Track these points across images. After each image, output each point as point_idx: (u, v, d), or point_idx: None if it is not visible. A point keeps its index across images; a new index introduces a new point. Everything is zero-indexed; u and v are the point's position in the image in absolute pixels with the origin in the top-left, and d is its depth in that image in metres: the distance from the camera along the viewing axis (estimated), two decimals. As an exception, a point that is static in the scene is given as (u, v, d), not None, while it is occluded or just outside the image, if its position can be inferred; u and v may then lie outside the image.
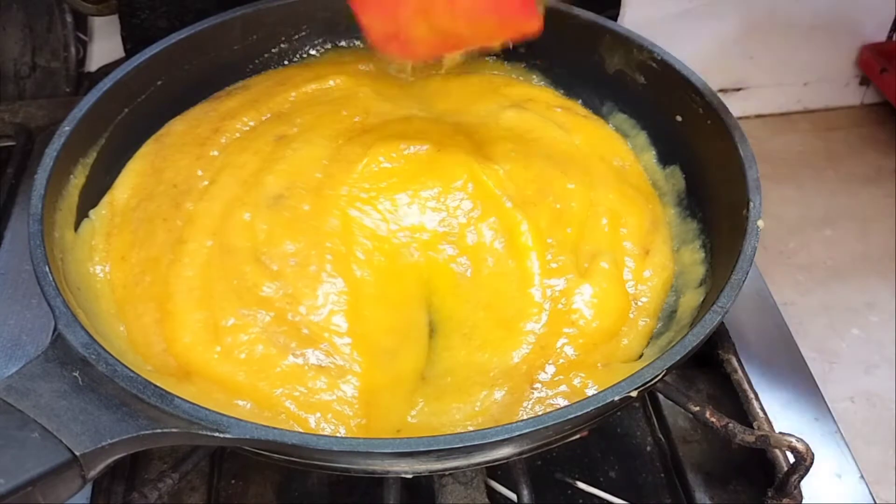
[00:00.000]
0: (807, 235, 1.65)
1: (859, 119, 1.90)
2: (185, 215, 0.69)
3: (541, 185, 0.73)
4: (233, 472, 0.72)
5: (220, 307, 0.63)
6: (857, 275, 1.59)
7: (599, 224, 0.72)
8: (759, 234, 0.63)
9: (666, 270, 0.72)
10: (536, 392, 0.62)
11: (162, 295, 0.64)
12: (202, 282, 0.65)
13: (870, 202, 1.72)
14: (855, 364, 1.46)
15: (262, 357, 0.61)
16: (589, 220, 0.73)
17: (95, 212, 0.72)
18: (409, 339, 0.65)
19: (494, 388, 0.62)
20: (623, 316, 0.67)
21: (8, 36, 1.11)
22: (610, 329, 0.66)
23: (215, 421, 0.51)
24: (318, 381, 0.60)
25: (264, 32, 0.87)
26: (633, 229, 0.73)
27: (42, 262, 0.59)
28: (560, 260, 0.68)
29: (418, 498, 0.68)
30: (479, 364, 0.64)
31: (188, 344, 0.61)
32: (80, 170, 0.71)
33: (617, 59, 0.83)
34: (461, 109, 0.82)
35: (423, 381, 0.64)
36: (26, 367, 0.52)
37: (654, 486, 0.73)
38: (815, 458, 0.61)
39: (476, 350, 0.65)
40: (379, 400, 0.61)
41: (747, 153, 0.69)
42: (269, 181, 0.71)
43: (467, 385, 0.62)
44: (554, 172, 0.74)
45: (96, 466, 0.50)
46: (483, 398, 0.61)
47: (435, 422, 0.61)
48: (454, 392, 0.62)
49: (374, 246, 0.68)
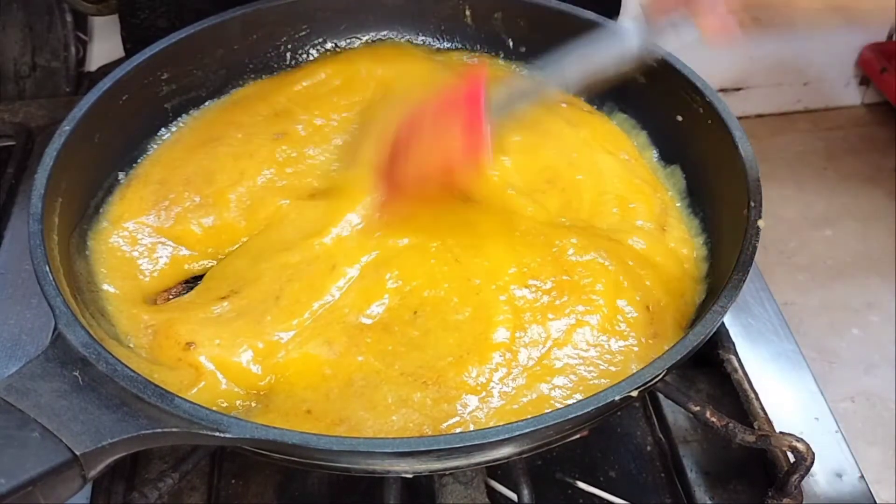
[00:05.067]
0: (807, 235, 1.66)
1: (859, 119, 1.90)
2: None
3: (549, 176, 0.75)
4: (233, 472, 0.72)
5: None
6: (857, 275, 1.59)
7: (610, 210, 0.74)
8: (759, 234, 0.63)
9: (687, 244, 0.72)
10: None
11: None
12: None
13: (870, 202, 1.72)
14: (855, 364, 1.46)
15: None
16: (599, 206, 0.74)
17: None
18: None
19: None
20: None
21: (8, 36, 1.11)
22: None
23: (215, 421, 0.51)
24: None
25: (264, 32, 0.87)
26: (644, 213, 0.74)
27: (42, 261, 0.59)
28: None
29: (418, 498, 0.68)
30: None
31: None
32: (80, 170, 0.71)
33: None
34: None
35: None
36: (26, 367, 0.52)
37: (654, 486, 0.73)
38: (816, 457, 0.61)
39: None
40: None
41: (747, 153, 0.69)
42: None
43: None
44: (561, 164, 0.76)
45: (96, 466, 0.50)
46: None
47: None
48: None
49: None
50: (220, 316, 0.65)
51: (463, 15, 0.91)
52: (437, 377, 0.61)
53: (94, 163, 0.74)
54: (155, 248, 0.72)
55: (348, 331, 0.64)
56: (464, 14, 0.90)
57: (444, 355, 0.63)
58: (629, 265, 0.68)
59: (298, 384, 0.62)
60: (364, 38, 0.92)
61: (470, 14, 0.90)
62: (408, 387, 0.61)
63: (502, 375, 0.62)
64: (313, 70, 0.87)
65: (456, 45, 0.92)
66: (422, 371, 0.62)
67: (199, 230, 0.73)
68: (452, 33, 0.92)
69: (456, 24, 0.91)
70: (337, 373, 0.62)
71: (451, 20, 0.91)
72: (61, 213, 0.67)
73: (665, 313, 0.66)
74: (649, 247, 0.70)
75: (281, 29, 0.88)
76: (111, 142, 0.75)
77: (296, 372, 0.62)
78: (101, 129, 0.73)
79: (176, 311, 0.66)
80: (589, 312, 0.65)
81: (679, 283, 0.68)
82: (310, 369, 0.62)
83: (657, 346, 0.64)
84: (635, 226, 0.73)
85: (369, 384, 0.61)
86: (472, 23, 0.91)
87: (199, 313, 0.65)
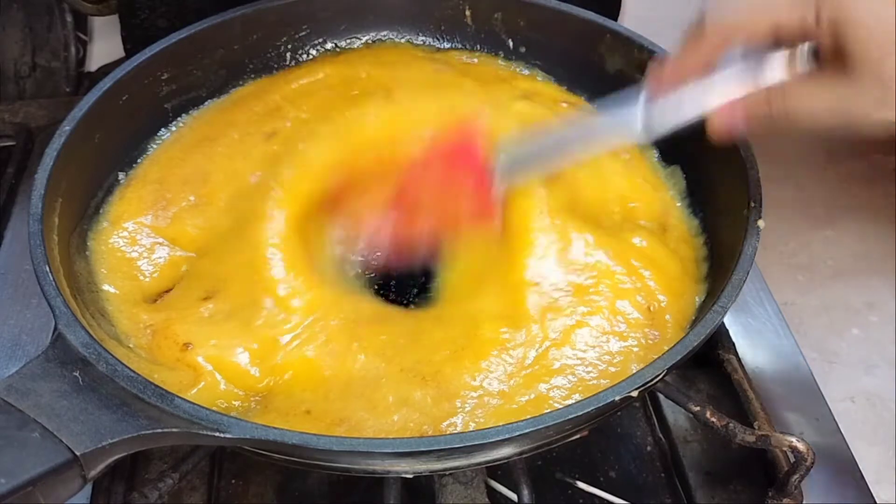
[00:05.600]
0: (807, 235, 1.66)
1: (859, 119, 1.89)
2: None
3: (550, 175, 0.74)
4: (233, 472, 0.72)
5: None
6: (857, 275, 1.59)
7: (612, 210, 0.74)
8: (759, 234, 0.63)
9: (687, 244, 0.72)
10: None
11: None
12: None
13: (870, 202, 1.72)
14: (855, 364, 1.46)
15: None
16: (601, 205, 0.74)
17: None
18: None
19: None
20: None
21: (8, 36, 1.11)
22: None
23: (215, 421, 0.51)
24: None
25: (264, 32, 0.87)
26: (645, 213, 0.74)
27: (42, 262, 0.59)
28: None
29: (418, 498, 0.68)
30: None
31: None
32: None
33: (617, 59, 0.83)
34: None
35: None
36: (26, 367, 0.52)
37: (654, 486, 0.73)
38: (816, 457, 0.61)
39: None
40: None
41: (747, 153, 0.69)
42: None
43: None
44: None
45: (97, 466, 0.50)
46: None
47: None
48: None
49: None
50: (212, 317, 0.65)
51: (463, 15, 0.91)
52: (434, 372, 0.61)
53: (94, 163, 0.74)
54: (154, 249, 0.72)
55: (347, 328, 0.64)
56: (464, 14, 0.90)
57: (440, 349, 0.63)
58: (633, 264, 0.68)
59: (297, 386, 0.62)
60: (364, 38, 0.92)
61: (470, 14, 0.90)
62: (407, 384, 0.61)
63: (500, 374, 0.62)
64: (312, 69, 0.87)
65: (456, 45, 0.92)
66: (419, 366, 0.62)
67: (193, 230, 0.72)
68: (452, 33, 0.92)
69: (456, 24, 0.91)
70: (337, 373, 0.62)
71: (451, 20, 0.91)
72: (61, 213, 0.67)
73: (666, 313, 0.66)
74: (651, 246, 0.70)
75: (281, 29, 0.88)
76: (111, 142, 0.75)
77: (294, 374, 0.62)
78: (101, 129, 0.73)
79: (173, 310, 0.66)
80: (590, 313, 0.65)
81: (680, 283, 0.68)
82: (308, 371, 0.62)
83: (657, 347, 0.64)
84: (638, 225, 0.73)
85: (369, 384, 0.61)
86: (472, 23, 0.91)
87: (193, 313, 0.65)
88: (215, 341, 0.62)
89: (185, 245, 0.72)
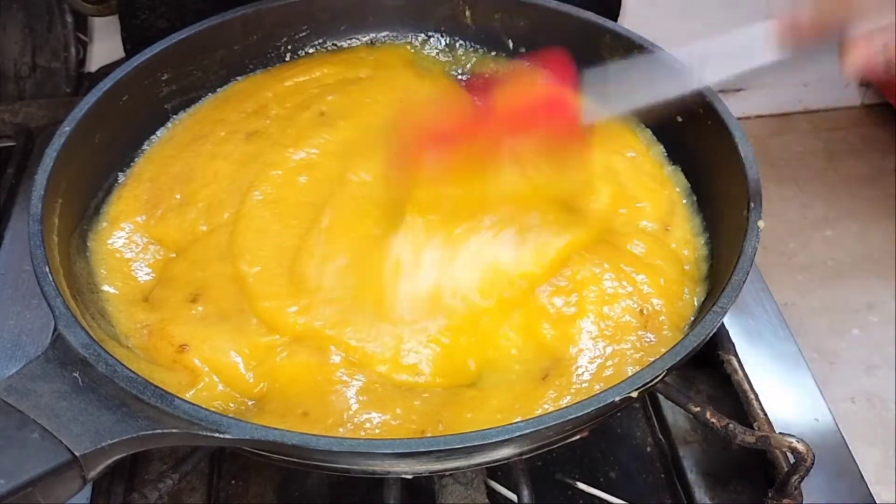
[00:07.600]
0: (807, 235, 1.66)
1: (859, 119, 1.90)
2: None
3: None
4: (233, 473, 0.72)
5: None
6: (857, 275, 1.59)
7: (617, 210, 0.73)
8: (759, 235, 0.63)
9: (689, 244, 0.72)
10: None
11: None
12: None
13: (870, 202, 1.72)
14: (855, 364, 1.46)
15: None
16: (606, 206, 0.74)
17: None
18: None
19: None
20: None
21: (8, 36, 1.11)
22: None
23: (215, 421, 0.51)
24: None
25: (264, 32, 0.87)
26: (650, 213, 0.74)
27: (42, 262, 0.59)
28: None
29: (418, 498, 0.68)
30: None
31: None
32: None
33: (617, 59, 0.83)
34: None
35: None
36: (26, 368, 0.52)
37: (654, 486, 0.73)
38: (816, 458, 0.61)
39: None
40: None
41: (747, 153, 0.69)
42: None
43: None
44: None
45: (96, 467, 0.50)
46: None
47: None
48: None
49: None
50: (205, 318, 0.65)
51: (463, 15, 0.91)
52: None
53: (94, 163, 0.74)
54: (147, 249, 0.72)
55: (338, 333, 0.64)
56: (464, 14, 0.90)
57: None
58: (624, 270, 0.68)
59: (291, 390, 0.61)
60: (364, 38, 0.92)
61: (470, 14, 0.90)
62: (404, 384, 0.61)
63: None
64: (308, 67, 0.87)
65: (456, 46, 0.92)
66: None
67: (175, 232, 0.72)
68: (452, 33, 0.92)
69: (456, 24, 0.91)
70: (329, 377, 0.62)
71: (451, 20, 0.91)
72: (61, 213, 0.67)
73: (660, 316, 0.66)
74: (649, 250, 0.70)
75: (281, 29, 0.88)
76: (111, 142, 0.75)
77: (289, 378, 0.62)
78: (101, 129, 0.73)
79: (165, 310, 0.66)
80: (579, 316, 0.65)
81: (678, 285, 0.68)
82: (302, 376, 0.62)
83: (654, 349, 0.64)
84: (638, 227, 0.72)
85: (364, 386, 0.61)
86: (472, 23, 0.91)
87: (185, 314, 0.65)
88: (210, 343, 0.62)
89: (168, 245, 0.72)
